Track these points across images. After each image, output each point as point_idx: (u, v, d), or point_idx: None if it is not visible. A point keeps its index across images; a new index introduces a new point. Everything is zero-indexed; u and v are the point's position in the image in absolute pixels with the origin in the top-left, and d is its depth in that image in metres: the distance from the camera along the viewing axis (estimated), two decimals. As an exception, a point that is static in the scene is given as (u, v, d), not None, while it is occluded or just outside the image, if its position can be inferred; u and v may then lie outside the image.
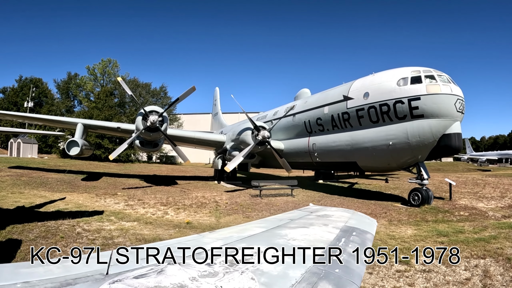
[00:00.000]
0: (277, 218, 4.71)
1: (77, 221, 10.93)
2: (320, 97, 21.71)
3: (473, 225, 11.80)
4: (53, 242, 8.64)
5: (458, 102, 14.90)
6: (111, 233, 9.86)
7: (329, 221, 4.43)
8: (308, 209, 5.51)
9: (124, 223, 11.29)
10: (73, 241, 8.87)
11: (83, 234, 9.52)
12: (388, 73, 17.10)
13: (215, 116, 46.75)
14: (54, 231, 9.65)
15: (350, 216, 4.88)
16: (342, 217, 4.75)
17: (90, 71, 69.87)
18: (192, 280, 1.94)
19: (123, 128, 24.65)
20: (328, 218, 4.66)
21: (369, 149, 17.47)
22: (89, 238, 9.22)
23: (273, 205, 16.25)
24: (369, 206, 15.85)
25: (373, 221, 4.96)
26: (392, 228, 11.53)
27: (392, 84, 16.17)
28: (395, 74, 16.50)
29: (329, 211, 5.35)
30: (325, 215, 4.87)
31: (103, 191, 18.60)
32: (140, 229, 10.66)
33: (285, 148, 24.50)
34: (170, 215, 13.29)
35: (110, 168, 35.43)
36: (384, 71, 17.64)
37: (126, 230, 10.35)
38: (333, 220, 4.51)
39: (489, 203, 17.28)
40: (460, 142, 15.39)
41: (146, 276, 1.98)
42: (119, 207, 14.46)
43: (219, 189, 21.68)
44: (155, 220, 12.24)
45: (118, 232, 10.07)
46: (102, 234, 9.72)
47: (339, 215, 4.93)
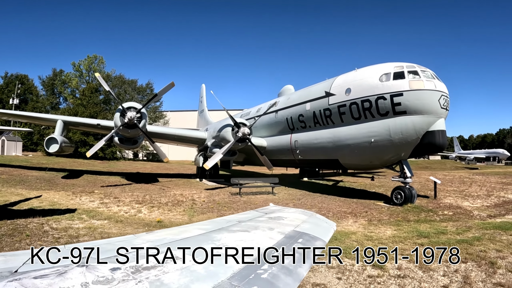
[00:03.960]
0: (226, 219, 4.51)
1: (47, 219, 10.71)
2: (303, 94, 21.24)
3: (457, 226, 11.33)
4: (17, 240, 8.38)
5: (442, 99, 14.43)
6: (78, 232, 9.60)
7: (279, 224, 4.10)
8: (265, 210, 5.26)
9: (94, 222, 11.06)
10: (38, 239, 8.63)
11: (49, 233, 9.28)
12: (371, 68, 16.61)
13: (201, 113, 46.05)
14: (21, 229, 9.41)
15: (305, 219, 4.51)
16: (296, 220, 4.37)
17: (76, 67, 69.13)
18: (82, 286, 1.86)
19: (103, 125, 24.17)
20: (279, 221, 4.32)
21: (351, 147, 17.00)
22: (55, 236, 8.95)
23: (251, 203, 15.79)
24: (350, 205, 15.39)
25: (331, 225, 4.53)
26: (371, 228, 11.03)
27: (374, 80, 15.68)
28: (378, 69, 16.02)
29: (286, 212, 5.01)
30: (279, 217, 4.54)
31: (80, 189, 18.17)
32: (109, 227, 10.40)
33: (267, 146, 24.03)
34: (143, 214, 13.04)
35: (94, 166, 35.17)
36: (367, 66, 17.16)
37: (94, 228, 10.11)
38: (284, 223, 4.17)
39: (475, 201, 17.01)
40: (444, 140, 14.90)
41: (44, 277, 1.91)
42: (93, 205, 14.18)
43: (199, 187, 21.25)
44: (126, 218, 11.98)
45: (86, 230, 9.81)
46: (69, 232, 9.46)
47: (294, 217, 4.53)
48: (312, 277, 6.69)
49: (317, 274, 6.84)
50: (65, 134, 23.61)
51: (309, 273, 6.85)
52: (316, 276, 6.73)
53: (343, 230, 10.64)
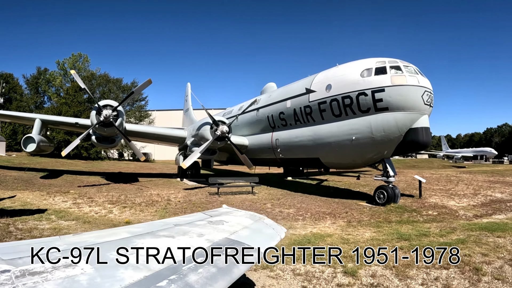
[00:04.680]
0: (165, 222, 4.30)
1: (15, 220, 10.56)
2: (284, 91, 20.72)
3: (441, 227, 10.77)
4: (-21, 240, 8.21)
5: (426, 94, 13.89)
6: (42, 233, 9.39)
7: (213, 230, 3.89)
8: (213, 212, 5.13)
9: (61, 222, 10.84)
10: (0, 240, 8.34)
11: (13, 233, 9.14)
12: (352, 64, 16.08)
13: (186, 112, 45.30)
14: (-14, 229, 9.24)
15: (249, 224, 4.25)
16: (237, 225, 4.13)
17: (60, 65, 68.19)
18: None
19: (81, 123, 23.58)
20: (217, 226, 4.08)
21: (331, 145, 16.44)
22: (18, 237, 8.79)
23: (229, 203, 15.08)
24: (331, 205, 14.85)
25: (279, 231, 4.21)
26: (349, 230, 10.44)
27: (356, 76, 15.14)
28: (359, 65, 15.48)
29: (233, 216, 4.79)
30: (220, 222, 4.31)
31: (56, 189, 17.72)
32: (75, 228, 10.17)
33: (249, 144, 23.46)
34: (114, 214, 12.75)
35: (77, 166, 34.53)
36: (348, 62, 16.63)
37: (59, 229, 9.90)
38: (220, 229, 3.95)
39: (461, 201, 16.55)
40: (428, 137, 14.37)
41: None
42: (65, 206, 13.85)
43: (179, 187, 20.76)
44: (95, 219, 11.72)
45: (51, 231, 9.61)
46: (33, 233, 9.29)
47: (237, 222, 4.30)
48: (275, 285, 6.08)
49: (281, 281, 6.24)
50: (43, 133, 23.33)
51: (272, 280, 6.32)
52: (280, 284, 6.13)
53: (319, 233, 10.07)
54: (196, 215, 4.81)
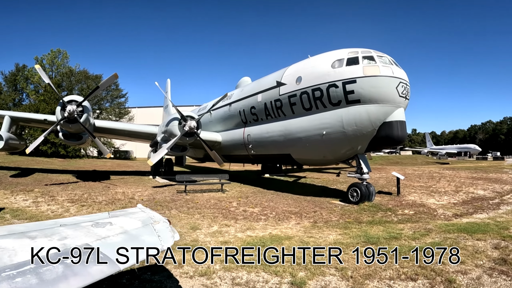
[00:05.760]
0: (55, 221, 4.02)
1: None
2: (256, 85, 19.87)
3: (415, 228, 9.84)
4: None
5: (401, 86, 13.07)
6: None
7: (86, 233, 3.52)
8: (120, 212, 4.85)
9: (14, 221, 10.49)
10: None
11: None
12: (324, 55, 15.25)
13: (166, 108, 44.36)
14: None
15: (132, 229, 3.83)
16: (118, 229, 3.77)
17: (39, 62, 66.37)
18: None
19: (49, 120, 22.68)
20: (95, 229, 3.71)
21: (302, 140, 15.60)
22: None
23: (193, 201, 14.44)
24: (301, 204, 14.03)
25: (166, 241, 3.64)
26: (313, 231, 9.55)
27: (326, 67, 14.31)
28: (331, 56, 14.65)
29: (129, 217, 4.36)
30: (107, 223, 3.96)
31: (22, 188, 17.24)
32: None
33: (222, 140, 22.61)
34: (69, 213, 12.23)
35: (52, 164, 33.94)
36: (320, 54, 15.77)
37: None
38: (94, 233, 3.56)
39: (441, 198, 15.78)
40: (403, 132, 13.50)
41: None
42: (24, 204, 13.42)
43: (149, 185, 20.08)
44: (49, 218, 10.93)
45: None
46: None
47: (121, 225, 3.92)
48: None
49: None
50: (13, 130, 22.84)
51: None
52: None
53: (278, 234, 9.16)
54: (99, 215, 4.57)
